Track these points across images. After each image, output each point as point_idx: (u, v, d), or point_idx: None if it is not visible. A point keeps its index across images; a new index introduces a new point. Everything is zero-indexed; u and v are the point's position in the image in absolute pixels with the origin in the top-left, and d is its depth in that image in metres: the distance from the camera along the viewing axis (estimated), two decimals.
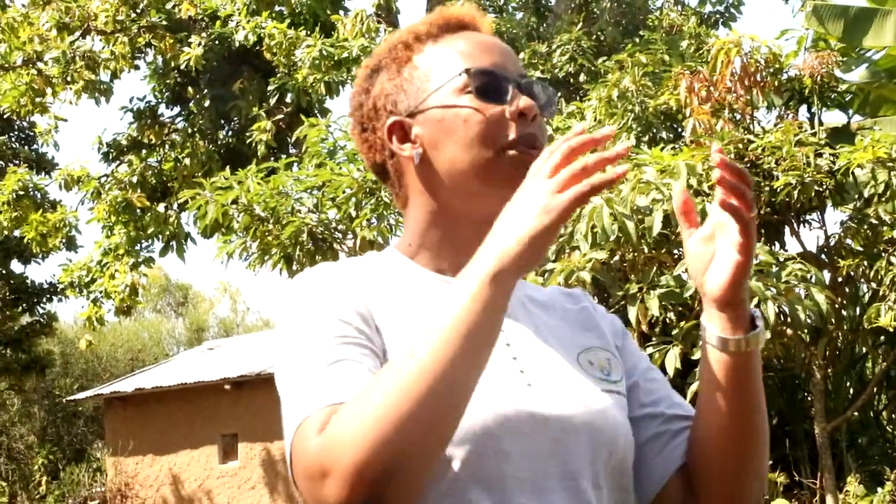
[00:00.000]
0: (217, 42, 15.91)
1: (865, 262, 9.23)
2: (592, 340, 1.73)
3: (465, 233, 1.65)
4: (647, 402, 1.72)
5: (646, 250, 8.11)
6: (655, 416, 1.71)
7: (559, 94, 14.21)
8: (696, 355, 7.48)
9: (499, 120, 1.60)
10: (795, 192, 8.71)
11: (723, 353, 1.57)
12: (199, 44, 15.46)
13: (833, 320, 9.16)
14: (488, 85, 1.62)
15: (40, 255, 19.39)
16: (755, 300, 7.41)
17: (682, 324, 7.94)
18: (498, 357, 1.56)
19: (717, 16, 17.88)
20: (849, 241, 9.69)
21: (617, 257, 8.12)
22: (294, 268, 9.76)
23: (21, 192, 15.90)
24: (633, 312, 7.63)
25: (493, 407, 1.49)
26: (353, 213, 9.57)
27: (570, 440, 1.54)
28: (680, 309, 8.26)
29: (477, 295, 1.38)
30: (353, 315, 1.53)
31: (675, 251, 8.32)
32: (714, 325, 1.57)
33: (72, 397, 22.31)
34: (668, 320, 8.06)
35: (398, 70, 1.69)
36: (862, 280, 9.74)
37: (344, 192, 9.55)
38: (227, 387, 17.53)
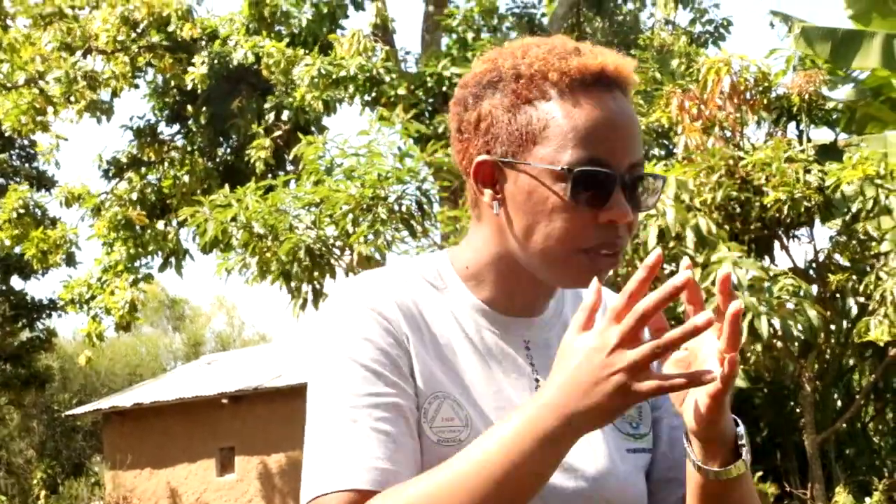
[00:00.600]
0: (216, 61, 16.07)
1: (854, 277, 9.36)
2: None
3: (524, 278, 1.61)
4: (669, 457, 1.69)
5: (639, 265, 8.25)
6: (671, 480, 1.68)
7: None
8: None
9: (585, 224, 1.51)
10: (785, 208, 8.86)
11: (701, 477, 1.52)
12: (203, 63, 15.63)
13: (822, 334, 9.31)
14: (587, 188, 1.50)
15: (40, 272, 19.50)
16: (749, 315, 7.54)
17: None
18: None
19: (707, 35, 18.05)
20: (837, 256, 9.84)
21: (611, 272, 8.24)
22: (292, 284, 9.87)
23: (22, 210, 16.03)
24: None
25: None
26: (351, 230, 9.64)
27: None
28: (672, 323, 8.38)
29: (532, 454, 1.35)
30: (385, 360, 1.51)
31: (667, 267, 8.47)
32: (692, 449, 1.52)
33: (70, 412, 22.39)
34: None
35: (513, 106, 1.56)
36: (850, 294, 9.88)
37: (341, 208, 9.64)
38: (224, 401, 17.65)
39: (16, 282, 22.62)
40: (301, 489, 1.48)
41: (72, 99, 15.51)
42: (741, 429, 1.50)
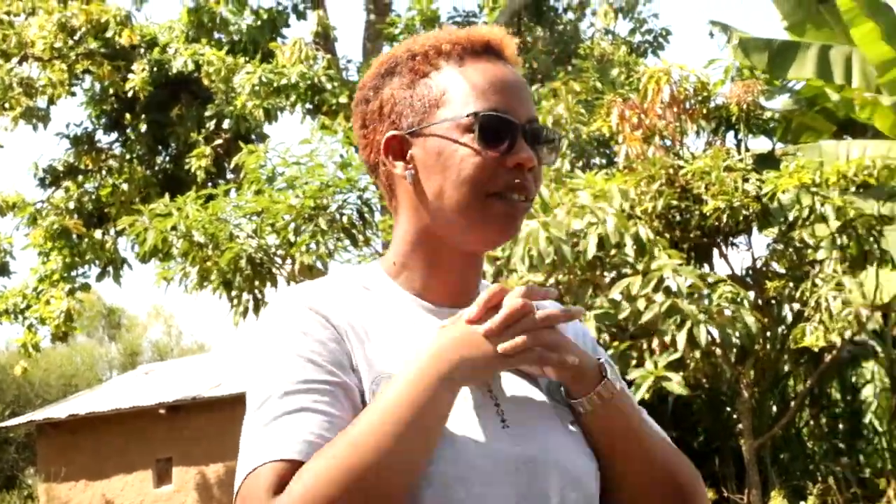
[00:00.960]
0: (155, 69, 15.95)
1: (790, 284, 9.48)
2: None
3: (448, 260, 1.70)
4: None
5: (580, 273, 8.31)
6: None
7: None
8: (631, 374, 7.70)
9: (494, 168, 1.61)
10: (724, 216, 8.97)
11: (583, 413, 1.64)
12: (143, 69, 15.50)
13: (760, 340, 9.42)
14: (493, 132, 1.61)
15: None
16: (688, 324, 7.62)
17: (615, 344, 8.15)
18: (475, 391, 1.61)
19: (646, 45, 18.26)
20: (774, 263, 9.96)
21: (553, 280, 8.31)
22: (233, 293, 9.83)
23: None
24: None
25: (465, 451, 1.53)
26: (292, 239, 9.64)
27: (541, 481, 1.57)
28: (614, 330, 8.47)
29: (432, 394, 1.48)
30: (323, 352, 1.56)
31: (607, 274, 8.55)
32: (569, 396, 1.65)
33: (3, 424, 22.03)
34: (602, 341, 8.26)
35: (412, 82, 1.67)
36: (786, 301, 10.00)
37: (283, 218, 9.63)
38: (161, 411, 17.46)
39: None
40: (236, 473, 1.51)
41: (7, 106, 15.31)
42: (603, 359, 1.66)
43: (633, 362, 8.03)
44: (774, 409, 11.54)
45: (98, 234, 16.34)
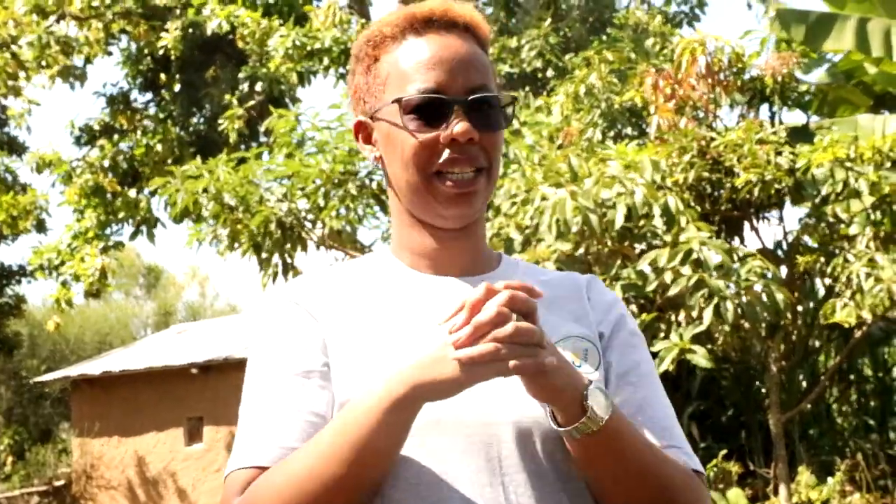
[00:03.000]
0: (190, 29, 15.98)
1: (822, 259, 9.40)
2: (575, 329, 1.73)
3: (429, 234, 1.74)
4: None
5: (609, 243, 8.28)
6: None
7: (527, 88, 14.40)
8: (656, 346, 7.66)
9: (431, 145, 1.66)
10: (756, 190, 8.88)
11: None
12: (176, 28, 15.54)
13: (789, 315, 9.36)
14: (420, 113, 1.66)
15: (10, 237, 19.37)
16: (714, 299, 7.56)
17: (643, 316, 8.12)
18: None
19: (682, 15, 18.08)
20: (806, 238, 9.87)
21: (582, 249, 8.28)
22: (263, 256, 9.87)
23: None
24: None
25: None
26: (322, 204, 9.67)
27: (498, 438, 1.59)
28: (642, 302, 8.44)
29: (384, 419, 1.48)
30: (304, 343, 1.66)
31: (637, 245, 8.51)
32: (549, 413, 1.57)
33: (39, 378, 22.27)
34: (629, 312, 8.20)
35: (367, 68, 1.75)
36: (818, 276, 9.92)
37: (313, 182, 9.65)
38: (193, 370, 17.59)
39: None
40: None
41: (44, 64, 15.39)
42: (591, 387, 1.52)
43: (661, 334, 7.98)
44: (804, 384, 11.48)
45: (132, 192, 16.46)
